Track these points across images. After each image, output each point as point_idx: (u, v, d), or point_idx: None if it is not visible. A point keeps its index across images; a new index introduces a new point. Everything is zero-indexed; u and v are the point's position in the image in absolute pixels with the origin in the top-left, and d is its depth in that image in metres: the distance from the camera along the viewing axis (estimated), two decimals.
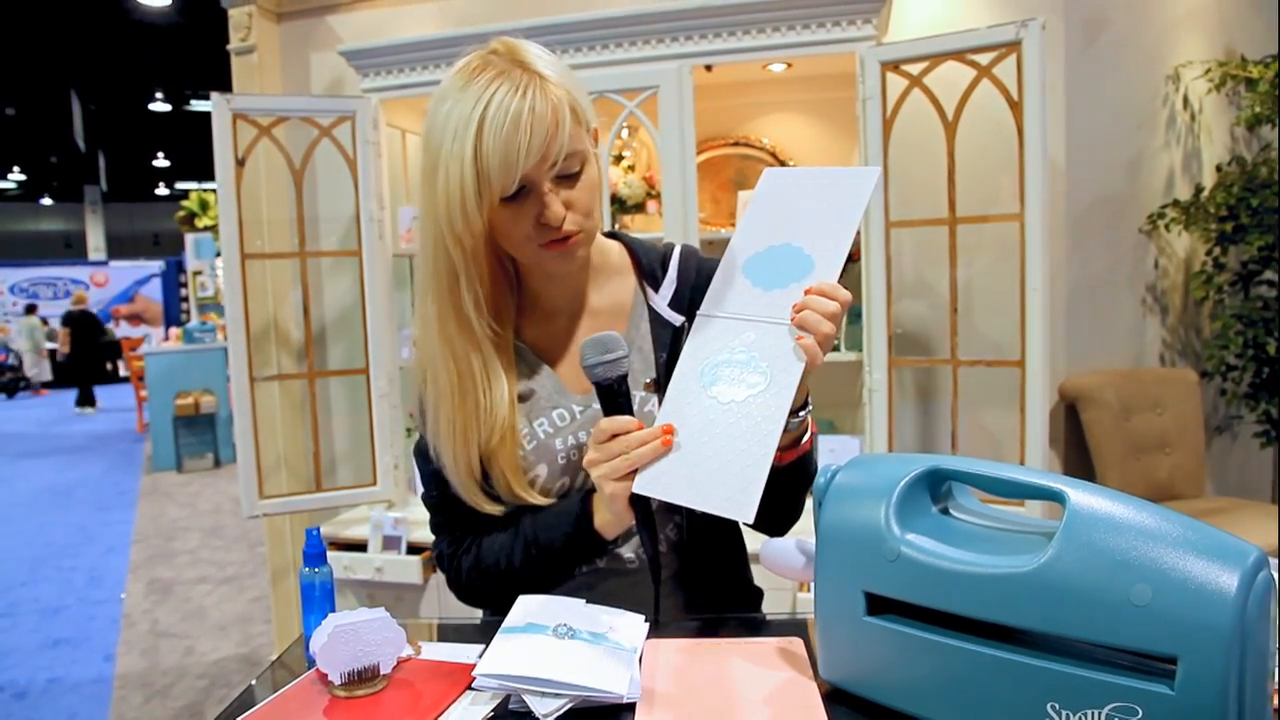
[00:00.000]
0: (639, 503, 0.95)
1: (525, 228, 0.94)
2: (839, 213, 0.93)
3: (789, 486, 1.01)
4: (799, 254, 0.93)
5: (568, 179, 0.94)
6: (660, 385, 1.03)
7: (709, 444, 0.89)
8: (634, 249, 1.12)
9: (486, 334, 1.00)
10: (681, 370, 0.95)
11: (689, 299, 1.06)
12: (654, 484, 0.91)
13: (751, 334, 0.92)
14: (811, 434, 1.01)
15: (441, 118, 0.91)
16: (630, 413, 0.94)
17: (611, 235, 1.14)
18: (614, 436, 0.92)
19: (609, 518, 0.98)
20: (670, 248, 1.13)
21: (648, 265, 1.10)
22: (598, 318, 1.07)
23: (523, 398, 1.05)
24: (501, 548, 1.05)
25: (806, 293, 0.89)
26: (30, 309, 14.26)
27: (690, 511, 1.03)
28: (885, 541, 0.74)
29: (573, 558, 1.03)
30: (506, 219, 0.94)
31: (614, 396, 0.94)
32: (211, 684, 3.25)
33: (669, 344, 1.05)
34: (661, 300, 1.08)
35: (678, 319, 1.06)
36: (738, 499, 0.86)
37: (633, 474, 0.92)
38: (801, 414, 0.97)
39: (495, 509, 1.04)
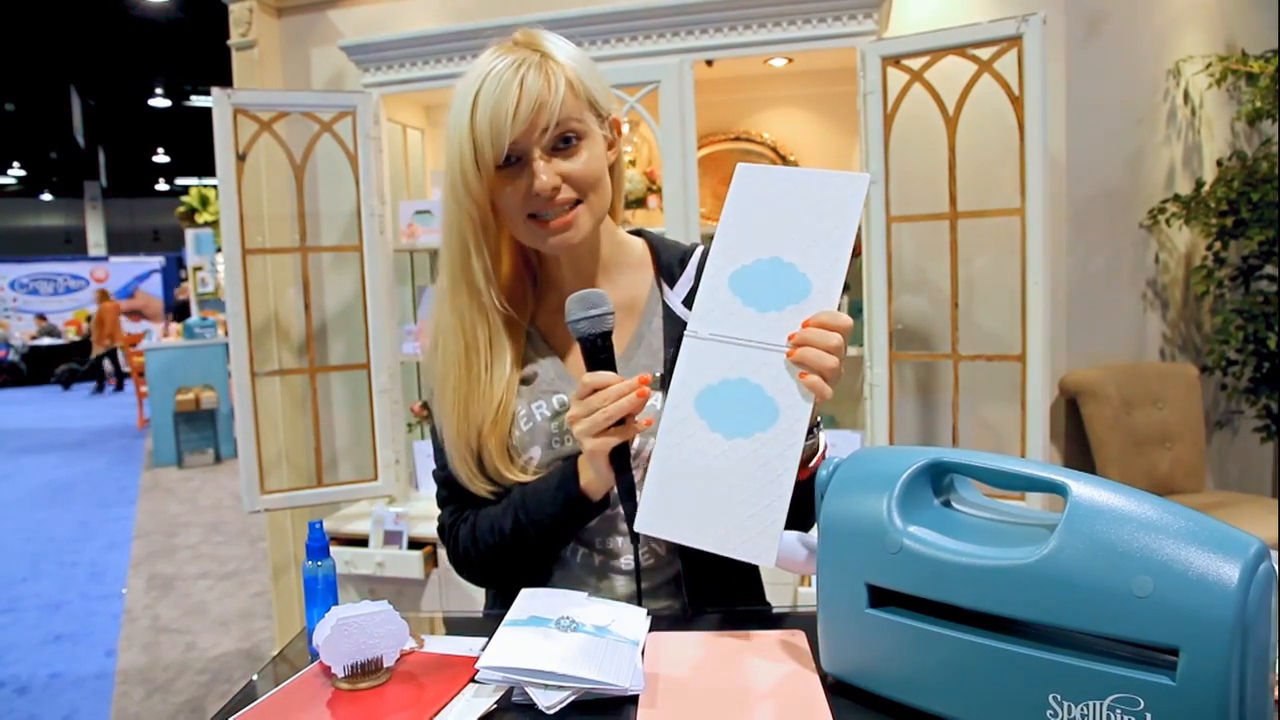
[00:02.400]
0: (619, 459, 0.94)
1: (518, 199, 0.97)
2: (831, 226, 0.87)
3: (800, 501, 1.00)
4: (793, 272, 0.87)
5: (563, 152, 0.96)
6: (666, 380, 1.02)
7: (716, 483, 0.85)
8: (655, 246, 1.13)
9: (495, 307, 1.02)
10: (675, 398, 0.89)
11: None
12: (658, 523, 0.88)
13: (750, 363, 0.87)
14: (823, 451, 1.00)
15: (458, 97, 0.96)
16: (613, 370, 0.93)
17: (636, 233, 1.15)
18: (595, 392, 0.92)
19: (592, 475, 0.97)
20: (693, 247, 1.13)
21: (666, 262, 1.11)
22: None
23: (526, 380, 1.07)
24: (495, 517, 1.05)
25: (806, 324, 0.85)
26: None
27: None
28: (888, 534, 0.74)
29: (561, 524, 1.02)
30: (503, 191, 0.97)
31: (597, 352, 0.93)
32: (213, 679, 3.25)
33: (677, 341, 1.04)
34: (676, 297, 1.08)
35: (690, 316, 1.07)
36: (758, 543, 0.83)
37: (613, 429, 0.91)
38: (814, 434, 0.96)
39: (488, 489, 1.05)
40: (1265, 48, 2.81)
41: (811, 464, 0.98)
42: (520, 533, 1.02)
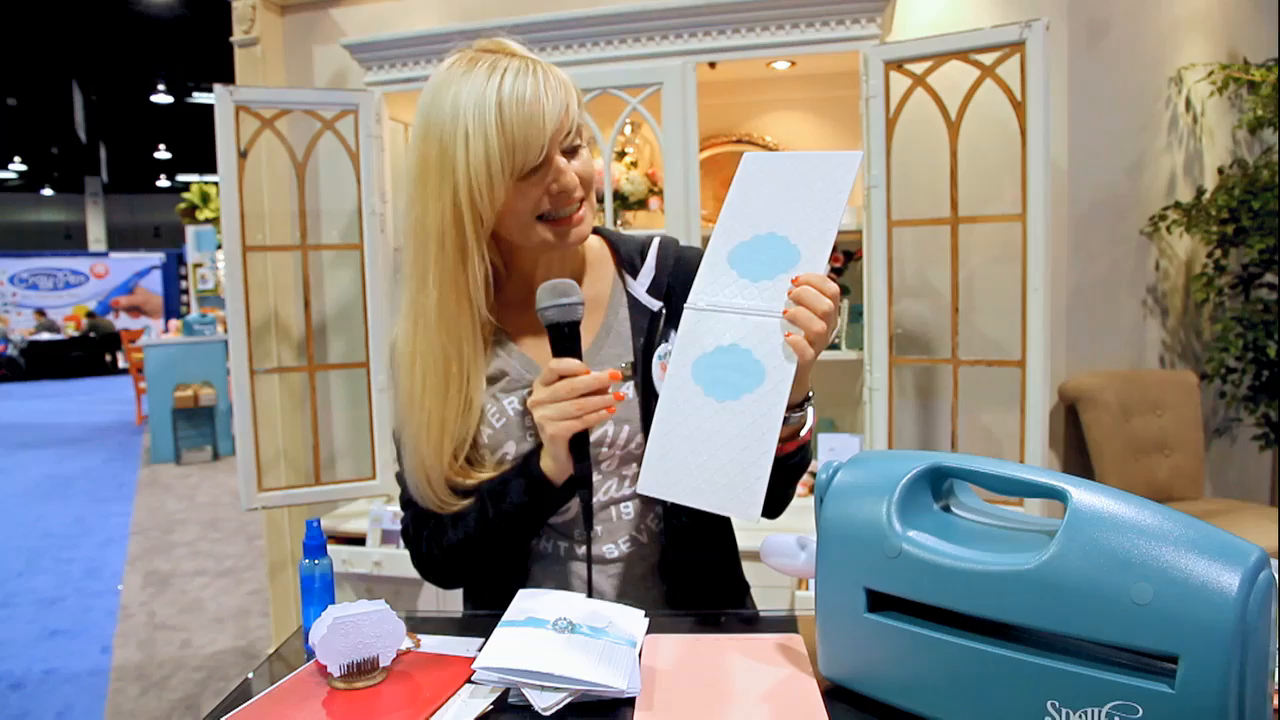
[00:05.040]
0: (578, 447, 0.95)
1: (535, 199, 0.98)
2: (823, 200, 0.92)
3: (786, 476, 1.01)
4: (785, 244, 0.92)
5: (574, 152, 0.99)
6: (637, 369, 1.05)
7: (708, 444, 0.90)
8: (612, 241, 1.15)
9: (480, 317, 1.01)
10: (674, 367, 0.95)
11: (667, 285, 1.09)
12: (658, 485, 0.92)
13: (742, 328, 0.91)
14: (812, 422, 1.02)
15: (449, 103, 0.94)
16: (580, 358, 0.95)
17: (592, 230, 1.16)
18: (561, 378, 0.94)
19: (550, 463, 0.98)
20: (650, 238, 1.15)
21: (626, 254, 1.12)
22: None
23: (494, 379, 1.07)
24: (459, 516, 1.04)
25: (795, 282, 0.89)
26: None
27: (673, 504, 1.02)
28: (887, 538, 0.74)
29: (528, 513, 1.01)
30: (520, 193, 0.97)
31: (564, 340, 0.95)
32: (208, 676, 3.25)
33: (646, 329, 1.06)
34: (640, 287, 1.10)
35: (655, 304, 1.08)
36: (741, 498, 0.87)
37: (575, 417, 0.93)
38: (803, 408, 0.98)
39: (453, 503, 1.03)
40: (1267, 56, 2.81)
41: (802, 435, 0.99)
42: (487, 526, 1.02)
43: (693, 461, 0.90)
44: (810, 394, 0.99)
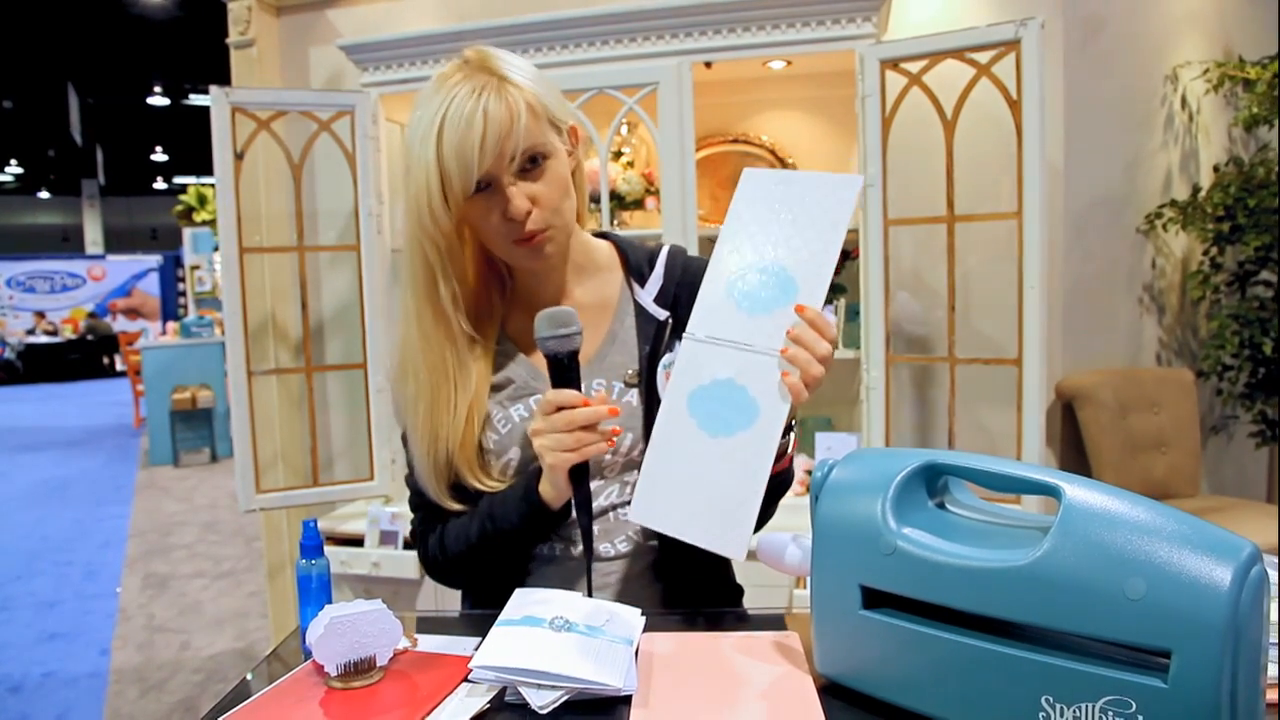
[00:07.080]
0: (577, 473, 0.97)
1: (493, 223, 0.98)
2: (822, 229, 0.91)
3: (766, 496, 1.01)
4: (783, 275, 0.91)
5: (530, 174, 0.98)
6: (641, 377, 1.06)
7: (699, 479, 0.90)
8: (622, 247, 1.15)
9: (462, 330, 1.03)
10: (669, 399, 0.94)
11: (674, 295, 1.09)
12: (649, 514, 0.93)
13: (739, 363, 0.91)
14: (793, 447, 1.03)
15: (414, 124, 0.97)
16: (578, 388, 0.96)
17: (602, 235, 1.17)
18: (559, 409, 0.94)
19: (549, 489, 0.99)
20: (660, 247, 1.15)
21: (635, 262, 1.12)
22: (583, 312, 1.08)
23: (500, 387, 1.08)
24: (463, 526, 1.07)
25: (799, 310, 0.88)
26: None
27: None
28: (882, 535, 0.74)
29: (525, 532, 1.03)
30: (477, 215, 0.98)
31: (563, 370, 0.96)
32: (207, 679, 3.25)
33: (652, 338, 1.07)
34: (647, 296, 1.10)
35: (662, 314, 1.08)
36: (728, 537, 0.88)
37: (572, 449, 0.94)
38: (787, 434, 0.98)
39: (457, 506, 1.07)
40: (1263, 54, 2.82)
41: (783, 459, 1.00)
42: (487, 540, 1.05)
43: (683, 494, 0.91)
44: (794, 421, 1.00)
